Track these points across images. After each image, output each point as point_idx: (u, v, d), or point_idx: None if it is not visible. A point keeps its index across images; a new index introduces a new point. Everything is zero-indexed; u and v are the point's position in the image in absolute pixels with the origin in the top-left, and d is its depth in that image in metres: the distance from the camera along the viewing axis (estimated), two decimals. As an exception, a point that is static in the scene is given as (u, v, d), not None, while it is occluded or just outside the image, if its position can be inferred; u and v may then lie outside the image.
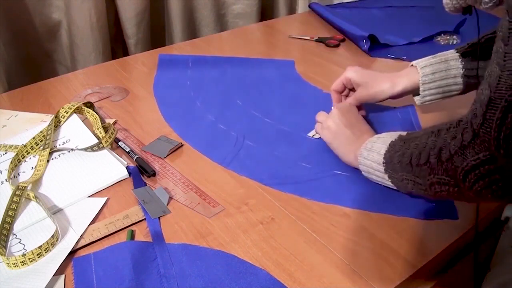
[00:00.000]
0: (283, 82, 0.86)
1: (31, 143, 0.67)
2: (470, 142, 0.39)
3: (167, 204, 0.57)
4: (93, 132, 0.70)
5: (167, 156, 0.66)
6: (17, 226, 0.54)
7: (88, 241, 0.51)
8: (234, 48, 1.05)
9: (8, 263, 0.48)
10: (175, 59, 0.96)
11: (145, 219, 0.54)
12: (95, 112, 0.73)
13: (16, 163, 0.64)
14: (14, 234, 0.53)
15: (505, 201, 0.41)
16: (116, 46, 1.16)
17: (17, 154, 0.65)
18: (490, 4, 0.43)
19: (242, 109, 0.77)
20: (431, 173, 0.45)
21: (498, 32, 0.36)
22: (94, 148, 0.66)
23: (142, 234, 0.53)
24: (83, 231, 0.52)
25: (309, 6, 1.29)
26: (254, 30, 1.20)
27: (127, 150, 0.66)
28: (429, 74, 0.64)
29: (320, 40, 1.05)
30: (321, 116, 0.67)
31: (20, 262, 0.48)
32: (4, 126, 0.74)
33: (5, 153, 0.66)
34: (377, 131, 0.62)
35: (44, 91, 0.85)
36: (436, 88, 0.64)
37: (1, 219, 0.53)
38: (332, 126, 0.63)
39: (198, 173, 0.62)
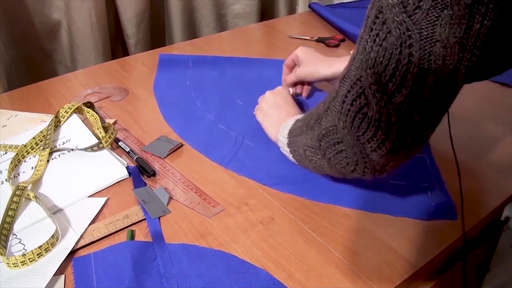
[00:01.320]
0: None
1: (31, 143, 0.67)
2: (325, 112, 0.44)
3: (167, 204, 0.57)
4: (93, 132, 0.70)
5: (167, 156, 0.66)
6: (17, 226, 0.54)
7: (88, 241, 0.51)
8: (234, 48, 1.04)
9: (8, 263, 0.48)
10: (175, 59, 0.96)
11: (145, 219, 0.54)
12: (95, 112, 0.73)
13: (16, 163, 0.64)
14: (14, 234, 0.53)
15: (356, 175, 0.45)
16: (116, 46, 1.16)
17: (17, 154, 0.65)
18: None
19: (242, 109, 0.77)
20: (305, 141, 0.50)
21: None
22: (94, 148, 0.66)
23: (142, 234, 0.53)
24: (83, 231, 0.52)
25: (309, 6, 1.29)
26: (254, 30, 1.20)
27: (127, 150, 0.66)
28: None
29: (320, 40, 1.05)
30: (260, 98, 0.72)
31: (20, 262, 0.48)
32: (4, 126, 0.74)
33: (5, 153, 0.66)
34: None
35: (44, 91, 0.85)
36: None
37: (1, 219, 0.53)
38: (263, 107, 0.68)
39: (198, 173, 0.62)
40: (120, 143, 0.68)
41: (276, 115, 0.66)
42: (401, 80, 0.35)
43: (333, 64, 0.70)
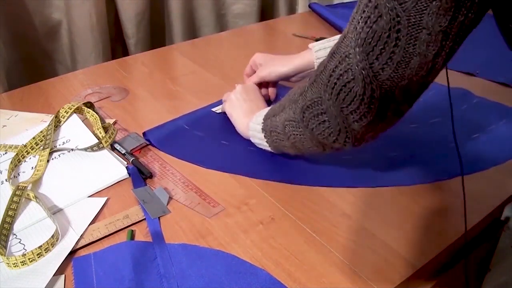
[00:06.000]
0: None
1: (31, 143, 0.67)
2: (311, 85, 0.47)
3: (167, 204, 0.56)
4: (93, 132, 0.70)
5: (131, 151, 0.66)
6: (17, 226, 0.54)
7: (88, 241, 0.51)
8: (234, 48, 1.05)
9: (8, 263, 0.48)
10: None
11: (145, 219, 0.54)
12: (95, 112, 0.73)
13: (16, 163, 0.64)
14: (14, 234, 0.53)
15: (337, 145, 0.49)
16: (116, 46, 1.17)
17: (17, 154, 0.65)
18: None
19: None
20: (286, 117, 0.53)
21: None
22: (94, 148, 0.66)
23: (142, 234, 0.53)
24: (83, 231, 0.52)
25: (309, 6, 1.29)
26: (254, 30, 1.20)
27: (122, 152, 0.66)
28: (323, 57, 0.67)
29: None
30: (226, 94, 0.74)
31: (20, 262, 0.48)
32: (4, 126, 0.74)
33: (5, 153, 0.66)
34: None
35: (44, 91, 0.85)
36: None
37: (1, 219, 0.53)
38: (233, 99, 0.70)
39: (198, 173, 0.62)
40: (116, 145, 0.67)
41: (246, 108, 0.68)
42: (387, 60, 0.38)
43: (291, 61, 0.72)
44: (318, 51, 0.70)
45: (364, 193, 0.58)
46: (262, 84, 0.77)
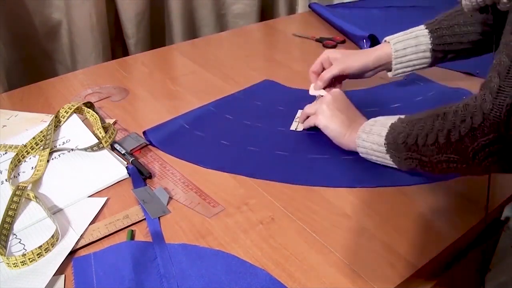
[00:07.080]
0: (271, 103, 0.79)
1: (31, 143, 0.67)
2: (480, 125, 0.44)
3: (167, 204, 0.56)
4: (93, 132, 0.70)
5: (131, 152, 0.66)
6: (17, 226, 0.54)
7: (88, 241, 0.51)
8: (234, 48, 1.05)
9: (8, 263, 0.48)
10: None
11: (145, 219, 0.54)
12: (95, 112, 0.73)
13: (16, 163, 0.64)
14: (14, 234, 0.53)
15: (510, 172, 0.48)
16: (116, 46, 1.17)
17: (17, 154, 0.65)
18: (508, 5, 0.45)
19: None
20: (439, 152, 0.50)
21: (507, 26, 0.41)
22: (94, 148, 0.66)
23: (142, 234, 0.53)
24: (83, 231, 0.52)
25: (309, 6, 1.29)
26: (254, 30, 1.20)
27: (122, 152, 0.66)
28: (401, 49, 0.70)
29: (321, 40, 1.05)
30: (310, 107, 0.70)
31: (20, 262, 0.48)
32: (4, 126, 0.74)
33: (5, 153, 0.66)
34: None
35: (44, 91, 0.85)
36: (407, 61, 0.71)
37: (1, 219, 0.53)
38: (326, 111, 0.66)
39: (198, 173, 0.62)
40: (116, 145, 0.67)
41: (343, 118, 0.64)
42: None
43: (371, 53, 0.72)
44: (397, 43, 0.70)
45: (364, 193, 0.58)
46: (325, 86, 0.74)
